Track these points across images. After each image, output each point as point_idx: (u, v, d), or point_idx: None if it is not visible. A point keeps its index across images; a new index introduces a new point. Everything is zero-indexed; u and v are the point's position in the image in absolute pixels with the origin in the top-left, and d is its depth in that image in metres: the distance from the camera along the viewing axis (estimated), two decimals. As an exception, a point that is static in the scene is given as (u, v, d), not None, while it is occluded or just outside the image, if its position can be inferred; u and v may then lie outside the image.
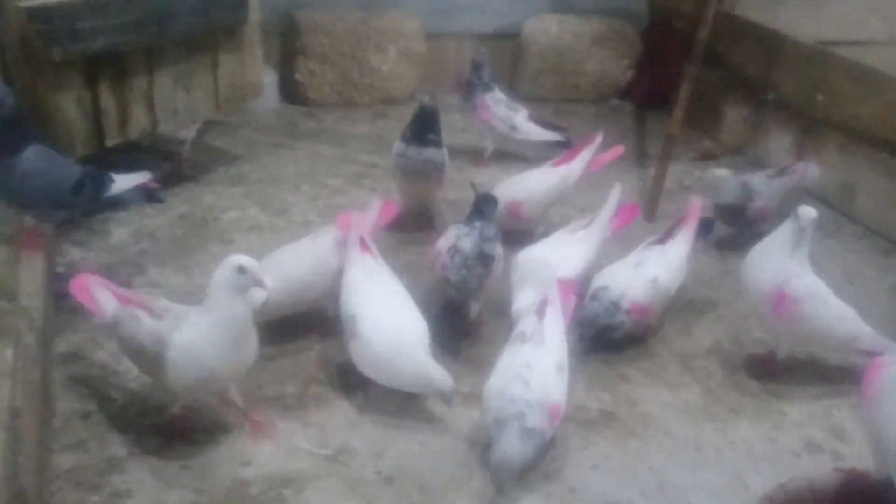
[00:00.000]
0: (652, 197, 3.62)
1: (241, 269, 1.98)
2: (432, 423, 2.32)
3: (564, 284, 2.42)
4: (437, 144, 3.21)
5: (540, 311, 2.28)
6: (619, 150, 3.43)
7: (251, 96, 3.78)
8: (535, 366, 2.14)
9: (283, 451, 2.19)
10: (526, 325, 2.27)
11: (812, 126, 3.99)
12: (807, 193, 3.67)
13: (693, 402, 2.52)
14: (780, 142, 4.16)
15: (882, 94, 3.65)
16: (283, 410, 2.34)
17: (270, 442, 2.21)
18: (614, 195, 2.91)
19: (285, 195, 3.59)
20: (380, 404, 2.35)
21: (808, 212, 2.45)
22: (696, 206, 2.92)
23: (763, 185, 3.34)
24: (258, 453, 2.17)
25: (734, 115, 4.47)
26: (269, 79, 4.32)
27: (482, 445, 2.18)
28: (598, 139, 3.33)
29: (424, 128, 3.18)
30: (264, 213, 3.43)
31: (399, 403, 2.36)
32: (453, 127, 3.91)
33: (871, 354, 2.33)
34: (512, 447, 2.01)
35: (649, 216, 3.52)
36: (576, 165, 3.28)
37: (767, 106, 4.24)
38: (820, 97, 3.93)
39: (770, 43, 4.22)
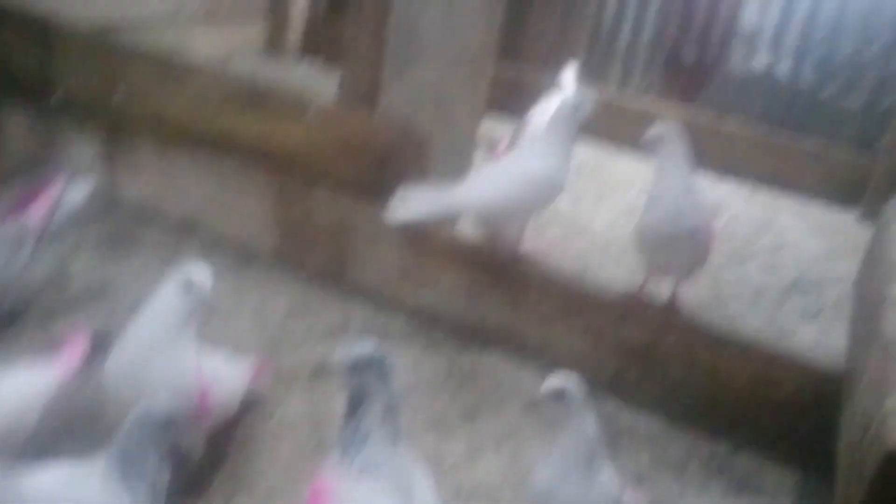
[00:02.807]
0: None
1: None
2: None
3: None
4: None
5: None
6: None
7: None
8: None
9: None
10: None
11: (119, 128, 3.27)
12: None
13: None
14: (86, 152, 3.34)
15: (186, 84, 3.13)
16: None
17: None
18: None
19: None
20: None
21: (199, 276, 1.74)
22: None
23: None
24: None
25: (20, 127, 3.45)
26: None
27: None
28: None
29: None
30: None
31: None
32: None
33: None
34: None
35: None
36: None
37: (56, 111, 3.35)
38: (119, 94, 3.23)
39: (39, 33, 3.31)
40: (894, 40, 5.03)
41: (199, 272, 1.76)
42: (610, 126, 4.76)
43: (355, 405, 1.50)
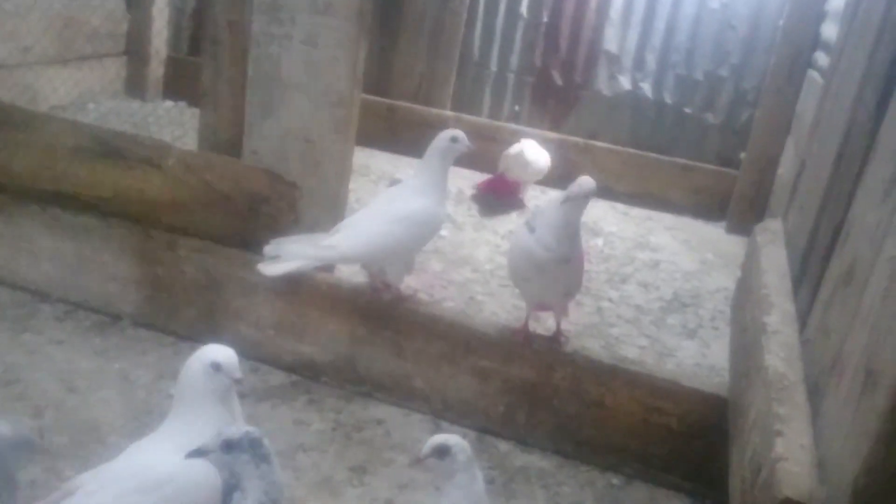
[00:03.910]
0: None
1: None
2: None
3: None
4: None
5: None
6: None
7: None
8: None
9: None
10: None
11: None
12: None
13: None
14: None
15: (36, 138, 2.90)
16: None
17: None
18: None
19: None
20: None
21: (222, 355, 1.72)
22: None
23: None
24: None
25: None
26: None
27: None
28: None
29: None
30: None
31: None
32: None
33: None
34: None
35: None
36: None
37: None
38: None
39: None
40: (745, 60, 5.27)
41: (221, 352, 1.68)
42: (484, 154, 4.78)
43: (229, 491, 1.38)
